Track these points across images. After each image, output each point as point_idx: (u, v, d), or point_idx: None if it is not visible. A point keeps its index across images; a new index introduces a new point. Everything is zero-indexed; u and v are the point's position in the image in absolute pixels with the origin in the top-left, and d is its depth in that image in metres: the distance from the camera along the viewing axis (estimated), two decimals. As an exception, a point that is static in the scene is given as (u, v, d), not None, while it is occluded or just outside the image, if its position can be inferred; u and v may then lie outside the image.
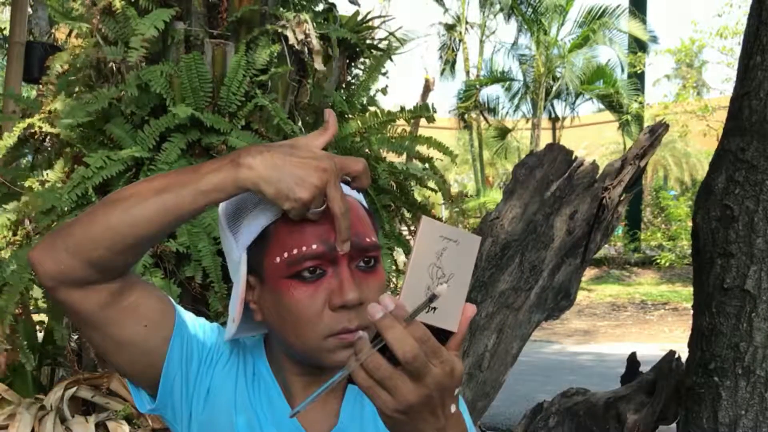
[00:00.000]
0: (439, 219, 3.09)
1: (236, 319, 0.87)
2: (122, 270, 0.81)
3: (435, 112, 2.89)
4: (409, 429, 0.67)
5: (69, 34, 2.93)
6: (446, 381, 0.66)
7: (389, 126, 2.92)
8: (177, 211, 0.78)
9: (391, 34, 3.44)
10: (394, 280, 2.99)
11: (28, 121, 2.50)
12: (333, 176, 0.78)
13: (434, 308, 0.66)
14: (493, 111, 20.32)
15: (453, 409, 0.69)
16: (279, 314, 0.83)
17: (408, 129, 3.13)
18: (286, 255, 0.81)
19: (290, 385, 0.90)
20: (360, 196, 0.89)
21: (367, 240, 0.83)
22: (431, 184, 3.03)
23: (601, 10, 17.57)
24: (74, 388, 2.48)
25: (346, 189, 0.85)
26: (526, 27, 18.31)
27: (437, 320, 0.66)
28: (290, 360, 0.89)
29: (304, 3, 2.97)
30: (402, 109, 2.89)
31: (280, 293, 0.82)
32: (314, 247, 0.80)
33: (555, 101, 19.89)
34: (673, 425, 2.40)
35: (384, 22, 3.45)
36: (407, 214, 3.03)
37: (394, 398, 0.65)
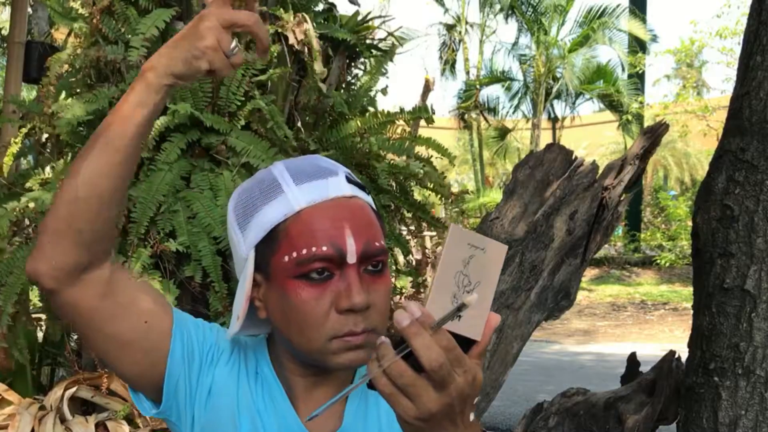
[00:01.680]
0: (438, 219, 3.09)
1: (240, 316, 0.87)
2: (107, 241, 0.83)
3: (434, 113, 2.89)
4: None
5: (68, 35, 2.93)
6: (468, 390, 0.66)
7: (389, 126, 2.92)
8: (118, 148, 0.80)
9: (391, 34, 3.43)
10: (393, 280, 2.99)
11: (29, 125, 2.51)
12: (216, 8, 0.79)
13: (459, 316, 0.65)
14: (493, 111, 20.31)
15: (471, 417, 0.69)
16: (284, 313, 0.84)
17: (408, 129, 3.12)
18: (295, 255, 0.81)
19: (293, 386, 0.90)
20: (369, 198, 0.90)
21: (377, 244, 0.84)
22: (430, 185, 3.03)
23: (600, 10, 17.57)
24: (74, 388, 2.47)
25: (356, 190, 0.86)
26: (526, 27, 18.31)
27: (462, 329, 0.66)
28: (293, 360, 0.89)
29: (304, 2, 2.96)
30: (401, 110, 2.90)
31: (287, 292, 0.82)
32: (324, 249, 0.81)
33: (555, 101, 19.89)
34: (673, 425, 2.40)
35: (384, 22, 3.45)
36: (407, 214, 3.02)
37: (415, 406, 0.65)
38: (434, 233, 3.23)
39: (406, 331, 0.63)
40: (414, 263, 3.06)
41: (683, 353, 2.43)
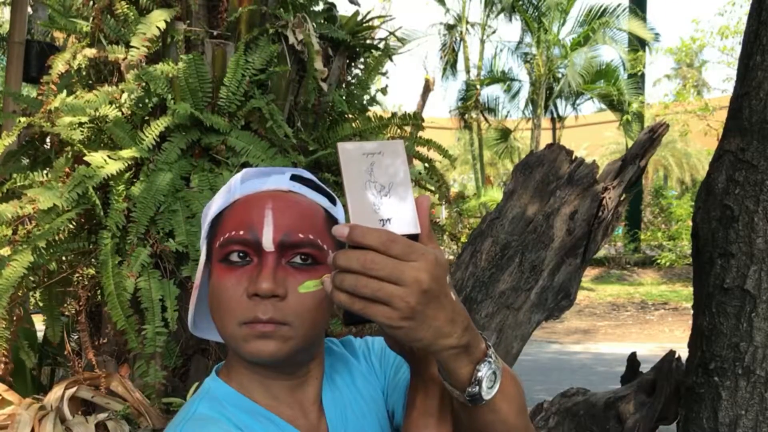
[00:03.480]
0: (437, 218, 3.09)
1: (190, 307, 0.92)
2: None
3: (423, 120, 2.91)
4: (423, 333, 0.67)
5: (69, 35, 2.92)
6: (436, 270, 0.65)
7: (389, 127, 2.92)
8: None
9: (392, 33, 3.43)
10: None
11: (28, 119, 2.50)
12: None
13: (389, 219, 0.66)
14: (493, 111, 20.31)
15: (453, 296, 0.69)
16: (212, 299, 0.85)
17: (408, 130, 3.12)
18: (222, 239, 0.84)
19: (277, 392, 0.88)
20: (320, 199, 0.89)
21: (300, 236, 0.83)
22: (429, 186, 3.02)
23: (601, 10, 17.57)
24: (74, 388, 2.47)
25: (299, 188, 0.87)
26: (526, 27, 18.31)
27: (397, 229, 0.66)
28: (244, 359, 0.86)
29: (303, 2, 2.96)
30: (393, 115, 2.91)
31: (215, 277, 0.84)
32: (242, 233, 0.82)
33: (556, 101, 19.88)
34: (673, 425, 2.40)
35: (384, 22, 3.45)
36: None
37: (393, 307, 0.64)
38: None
39: (352, 234, 0.63)
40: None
41: (683, 353, 2.43)
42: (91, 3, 2.73)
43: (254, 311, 0.80)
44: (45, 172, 2.56)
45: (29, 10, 5.44)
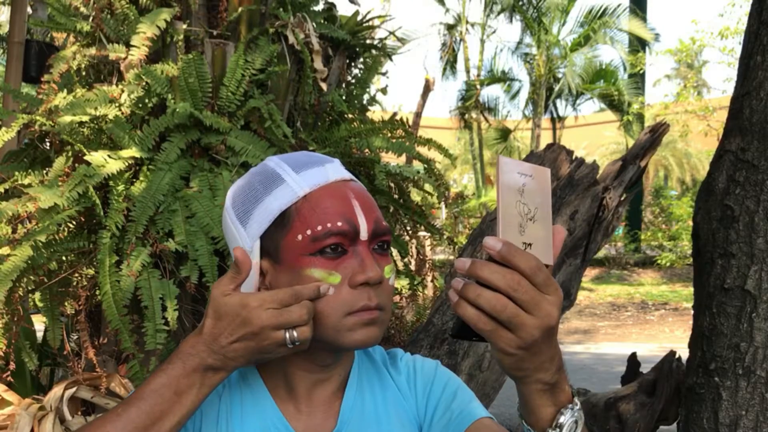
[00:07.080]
0: (437, 219, 3.08)
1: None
2: None
3: (411, 126, 2.91)
4: (527, 364, 0.67)
5: (68, 34, 2.92)
6: (560, 308, 0.66)
7: (388, 127, 2.92)
8: None
9: (392, 33, 3.43)
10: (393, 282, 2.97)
11: (28, 117, 2.49)
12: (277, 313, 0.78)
13: (530, 244, 0.67)
14: (492, 111, 20.33)
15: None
16: None
17: (409, 127, 3.11)
18: (309, 232, 0.82)
19: (296, 383, 0.89)
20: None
21: (384, 224, 0.86)
22: (428, 186, 3.01)
23: (601, 10, 17.57)
24: (74, 389, 2.47)
25: (350, 175, 0.88)
26: (526, 27, 18.31)
27: (537, 256, 0.67)
28: (300, 355, 0.87)
29: (303, 2, 2.96)
30: (383, 121, 2.91)
31: (301, 270, 0.82)
32: (339, 224, 0.82)
33: (556, 101, 19.89)
34: (674, 425, 2.40)
35: (384, 22, 3.44)
36: (404, 217, 3.00)
37: (518, 335, 0.64)
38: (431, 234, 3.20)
39: (504, 250, 0.63)
40: (413, 265, 3.04)
41: (683, 353, 2.43)
42: (91, 2, 2.72)
43: (362, 299, 0.82)
44: (45, 171, 2.55)
45: (29, 10, 5.44)
